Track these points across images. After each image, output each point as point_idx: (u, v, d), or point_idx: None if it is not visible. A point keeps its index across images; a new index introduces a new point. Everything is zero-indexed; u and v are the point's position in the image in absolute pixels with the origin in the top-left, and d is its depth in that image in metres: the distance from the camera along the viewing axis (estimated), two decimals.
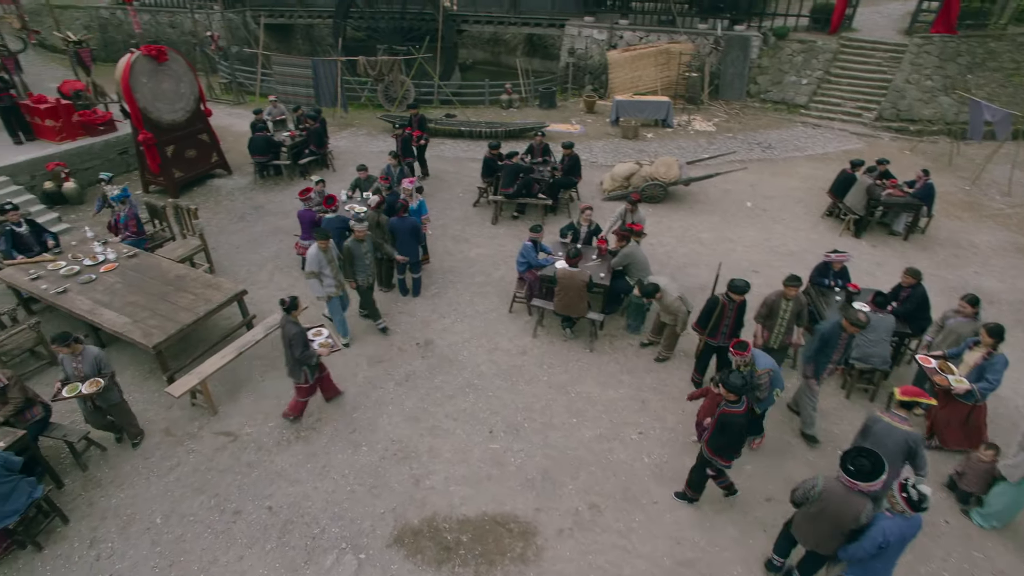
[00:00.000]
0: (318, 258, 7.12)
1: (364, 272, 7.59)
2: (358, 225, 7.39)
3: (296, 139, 13.03)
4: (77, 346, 5.67)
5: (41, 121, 12.10)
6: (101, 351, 5.78)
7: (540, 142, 11.72)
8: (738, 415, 4.94)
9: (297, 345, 6.01)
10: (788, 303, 6.32)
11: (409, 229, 8.25)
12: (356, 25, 22.47)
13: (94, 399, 5.79)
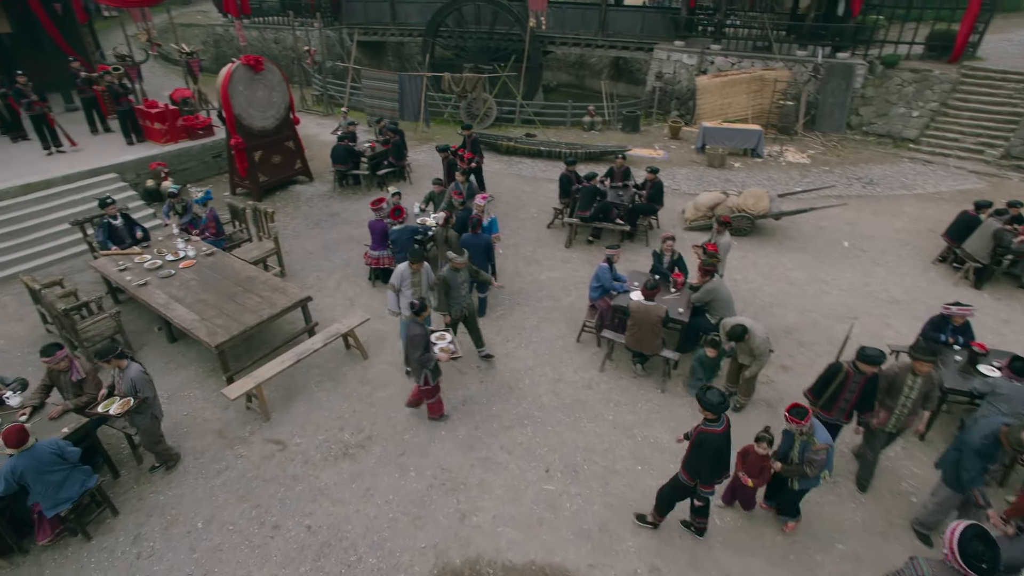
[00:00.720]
0: (404, 274, 6.79)
1: (459, 304, 7.08)
2: (458, 258, 6.92)
3: (376, 150, 13.23)
4: (121, 361, 5.43)
5: (151, 124, 12.93)
6: (141, 373, 5.47)
7: (621, 165, 11.24)
8: (716, 434, 4.61)
9: (416, 347, 5.88)
10: (916, 380, 5.25)
11: (483, 247, 7.98)
12: (445, 44, 22.99)
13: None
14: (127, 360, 5.47)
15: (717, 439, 4.61)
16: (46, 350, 5.45)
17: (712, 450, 4.63)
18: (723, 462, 4.76)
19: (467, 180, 10.14)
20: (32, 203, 10.37)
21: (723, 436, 4.64)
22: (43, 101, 11.98)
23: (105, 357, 5.36)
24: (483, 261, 7.96)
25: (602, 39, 20.86)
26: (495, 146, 15.90)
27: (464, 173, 10.25)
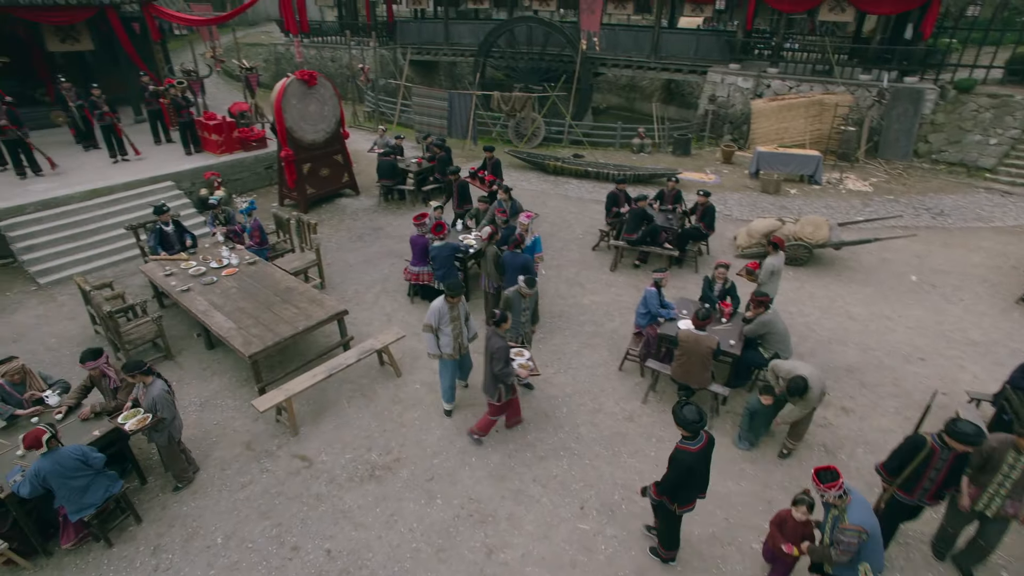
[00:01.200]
0: (440, 311, 6.17)
1: (516, 329, 6.71)
2: (525, 287, 6.47)
3: (422, 166, 13.26)
4: (146, 377, 5.32)
5: (208, 135, 13.37)
6: (164, 392, 5.31)
7: (672, 188, 10.84)
8: (690, 452, 4.38)
9: (499, 360, 5.68)
10: (1020, 459, 4.37)
11: (520, 265, 7.68)
12: (496, 64, 23.18)
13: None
14: (152, 376, 5.37)
15: (689, 457, 4.37)
16: (83, 356, 5.45)
17: (683, 468, 4.39)
18: (695, 482, 4.56)
19: (510, 198, 9.94)
20: (95, 208, 10.78)
21: (697, 455, 4.39)
22: (113, 112, 12.54)
23: (131, 372, 5.29)
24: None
25: (654, 61, 20.60)
26: (542, 165, 15.75)
27: (486, 199, 10.02)
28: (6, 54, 15.06)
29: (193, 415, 6.67)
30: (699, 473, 4.53)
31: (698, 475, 4.52)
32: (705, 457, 4.49)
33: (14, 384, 5.51)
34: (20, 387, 5.54)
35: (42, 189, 10.93)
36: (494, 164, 11.77)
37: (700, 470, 4.51)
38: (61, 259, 9.85)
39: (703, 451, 4.43)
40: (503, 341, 5.73)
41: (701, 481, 4.63)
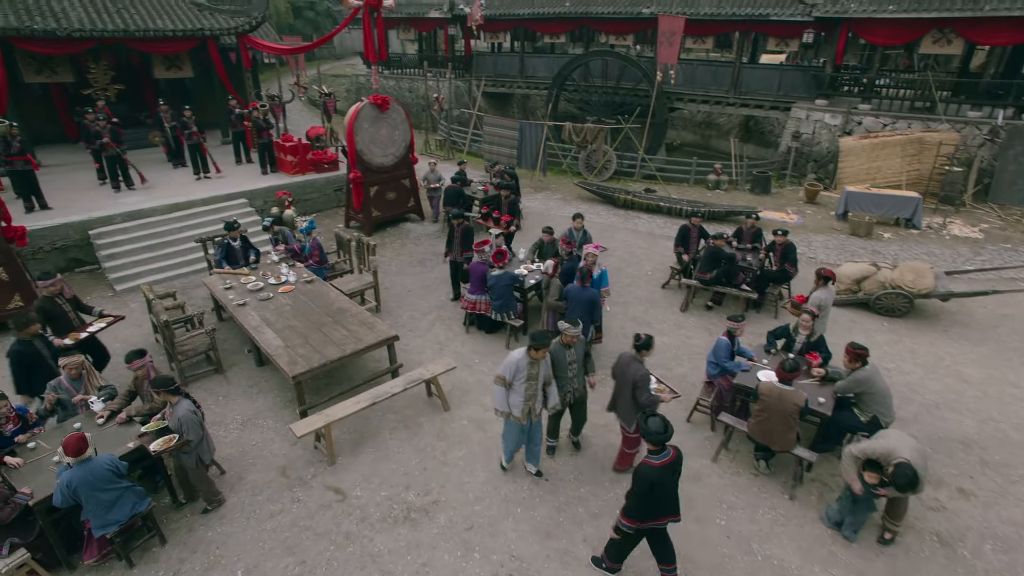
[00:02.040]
0: (518, 365, 5.30)
1: (564, 387, 5.70)
2: (571, 329, 5.50)
3: (489, 194, 13.06)
4: (172, 397, 5.10)
5: (284, 156, 13.81)
6: (190, 413, 5.08)
7: (752, 226, 10.03)
8: (653, 467, 4.20)
9: (643, 387, 5.36)
10: None
11: (587, 301, 7.12)
12: (569, 97, 23.09)
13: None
14: (179, 396, 5.17)
15: (652, 472, 4.19)
16: (128, 356, 5.37)
17: (645, 483, 4.20)
18: (660, 499, 4.31)
19: (583, 229, 9.37)
20: (174, 220, 11.22)
21: (662, 470, 4.20)
22: (201, 132, 13.19)
23: (158, 388, 5.12)
24: (586, 316, 7.09)
25: (734, 97, 19.84)
26: (611, 198, 15.25)
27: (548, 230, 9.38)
28: (121, 82, 16.40)
29: (233, 433, 6.48)
30: (664, 489, 4.30)
31: (662, 491, 4.29)
32: (671, 472, 4.30)
33: (72, 379, 5.50)
34: (77, 382, 5.56)
35: (131, 202, 11.51)
36: (513, 202, 10.95)
37: (665, 486, 4.30)
38: (137, 268, 10.21)
39: (669, 466, 4.25)
40: (644, 367, 5.45)
41: (668, 499, 4.38)
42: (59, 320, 6.62)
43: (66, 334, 6.54)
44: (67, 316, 6.75)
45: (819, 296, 7.24)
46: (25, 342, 5.92)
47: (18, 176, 10.81)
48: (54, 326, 6.56)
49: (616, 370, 5.79)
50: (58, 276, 6.80)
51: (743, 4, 18.53)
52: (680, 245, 9.84)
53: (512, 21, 23.52)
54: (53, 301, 6.64)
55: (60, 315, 6.64)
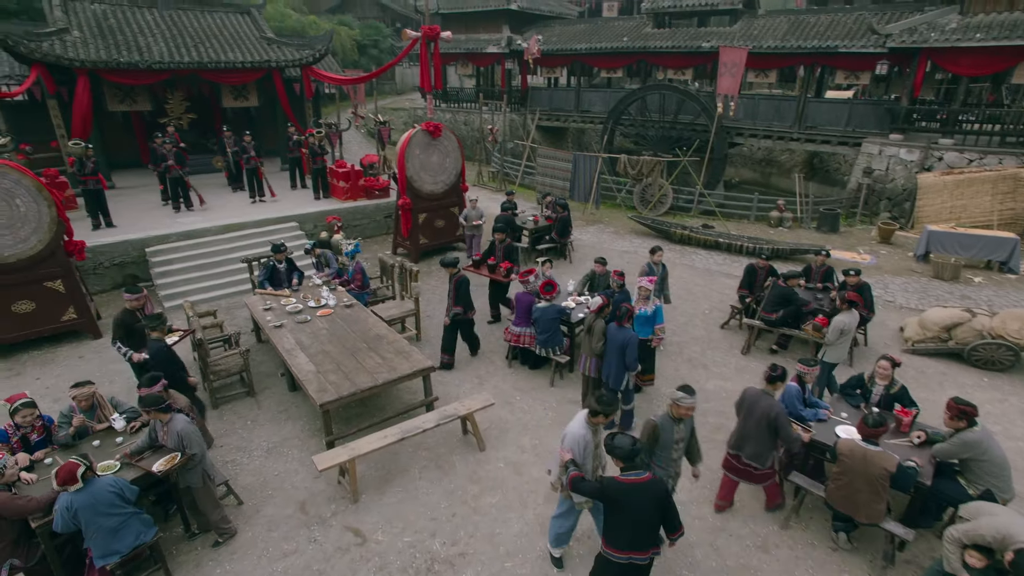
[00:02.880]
0: (583, 439, 4.38)
1: (668, 467, 4.78)
2: (686, 399, 4.59)
3: (540, 224, 12.72)
4: (163, 415, 4.81)
5: (336, 182, 13.98)
6: (189, 427, 4.81)
7: (821, 264, 9.20)
8: (617, 482, 3.98)
9: (785, 424, 4.97)
10: None
11: (620, 344, 6.19)
12: (625, 131, 22.76)
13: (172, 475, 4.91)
14: (170, 414, 4.86)
15: (614, 487, 3.94)
16: (142, 382, 5.15)
17: (605, 497, 3.97)
18: (628, 523, 3.94)
19: (662, 264, 8.59)
20: (226, 241, 11.39)
21: (627, 488, 3.89)
22: (259, 157, 13.54)
23: (147, 407, 4.81)
24: (619, 363, 6.27)
25: (798, 132, 18.94)
26: (667, 233, 14.61)
27: (601, 260, 8.83)
28: (194, 111, 17.28)
29: (257, 460, 6.16)
30: (637, 514, 3.92)
31: (636, 516, 3.93)
32: (642, 494, 3.89)
33: (84, 410, 5.31)
34: (89, 413, 5.34)
35: (187, 222, 11.81)
36: (508, 247, 9.44)
37: (638, 511, 3.91)
38: (187, 286, 10.33)
39: (639, 487, 3.88)
40: (780, 403, 5.06)
41: (644, 529, 3.96)
42: (137, 335, 6.47)
43: (140, 349, 6.40)
44: (143, 331, 6.53)
45: (842, 320, 6.86)
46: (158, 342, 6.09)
47: (89, 195, 11.27)
48: (130, 340, 6.47)
49: (743, 406, 5.27)
50: (144, 292, 6.70)
51: (809, 36, 17.83)
52: (745, 288, 9.04)
53: (569, 56, 23.58)
54: (133, 315, 6.56)
55: (138, 329, 6.47)
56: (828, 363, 7.09)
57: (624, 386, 6.34)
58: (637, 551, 3.97)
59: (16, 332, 8.51)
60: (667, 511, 4.02)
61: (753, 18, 19.93)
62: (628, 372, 6.31)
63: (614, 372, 6.31)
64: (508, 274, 9.18)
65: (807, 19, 18.80)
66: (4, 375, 8.08)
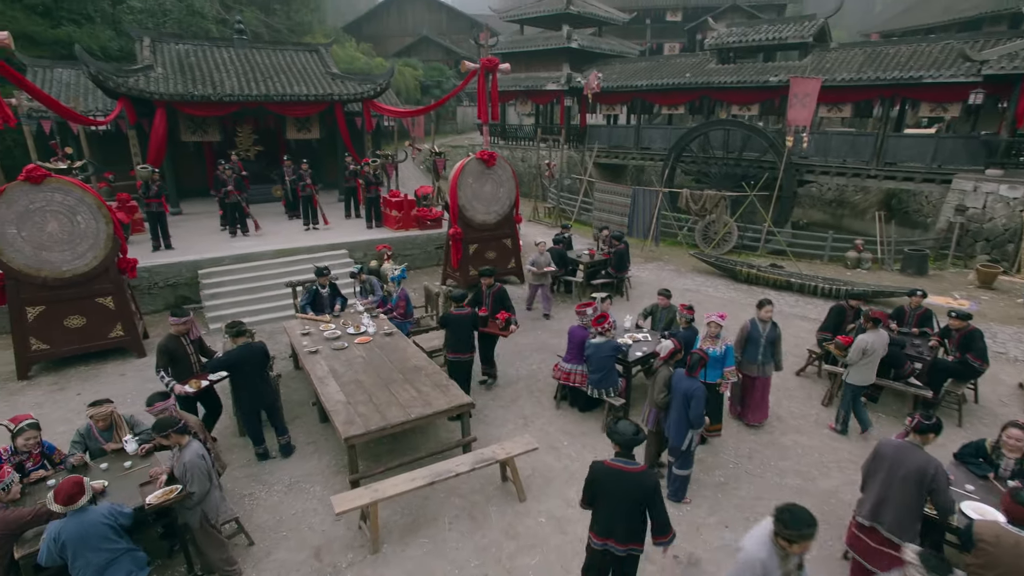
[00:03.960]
0: (765, 567, 3.13)
1: None
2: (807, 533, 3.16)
3: (595, 258, 12.09)
4: (181, 437, 4.37)
5: (389, 211, 13.90)
6: (198, 458, 4.33)
7: (917, 305, 8.08)
8: (602, 465, 3.93)
9: (943, 488, 4.10)
10: None
11: (683, 393, 5.30)
12: (687, 168, 22.01)
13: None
14: (188, 437, 4.42)
15: (598, 468, 3.92)
16: (150, 399, 4.78)
17: (588, 477, 3.96)
18: (608, 507, 3.89)
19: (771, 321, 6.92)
20: (276, 266, 11.37)
21: (610, 473, 3.85)
22: (314, 184, 13.68)
23: (163, 431, 4.37)
24: (681, 416, 5.37)
25: (876, 168, 17.63)
26: (732, 272, 13.65)
27: (664, 292, 8.05)
28: (261, 143, 17.97)
29: (275, 496, 5.66)
30: (611, 497, 3.88)
31: (608, 500, 3.90)
32: (623, 482, 3.82)
33: (102, 430, 4.99)
34: (107, 433, 5.02)
35: (241, 245, 11.92)
36: (498, 295, 8.12)
37: (613, 494, 3.87)
38: (234, 308, 10.26)
39: (625, 475, 3.83)
40: (936, 459, 4.15)
41: (623, 519, 3.87)
42: (181, 363, 6.13)
43: (187, 378, 6.07)
44: (189, 359, 6.24)
45: (866, 340, 6.45)
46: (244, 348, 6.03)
47: (152, 216, 11.58)
48: (176, 368, 6.08)
49: (881, 463, 4.34)
50: (190, 316, 6.37)
51: (888, 67, 16.73)
52: (828, 330, 7.97)
53: (629, 93, 23.27)
54: (179, 341, 6.18)
55: (183, 357, 6.16)
56: (852, 385, 6.69)
57: (686, 445, 5.46)
58: (615, 540, 3.91)
59: (66, 346, 8.56)
60: (653, 508, 3.86)
61: (825, 51, 19.03)
62: (692, 429, 5.41)
63: (675, 426, 5.46)
64: (507, 326, 7.77)
65: (885, 50, 17.74)
66: (49, 388, 8.07)
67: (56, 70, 18.29)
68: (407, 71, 35.01)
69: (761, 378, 6.87)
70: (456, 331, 7.14)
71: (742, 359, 6.80)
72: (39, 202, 8.08)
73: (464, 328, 7.18)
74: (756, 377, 6.85)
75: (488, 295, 8.10)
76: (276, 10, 32.48)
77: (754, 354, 6.76)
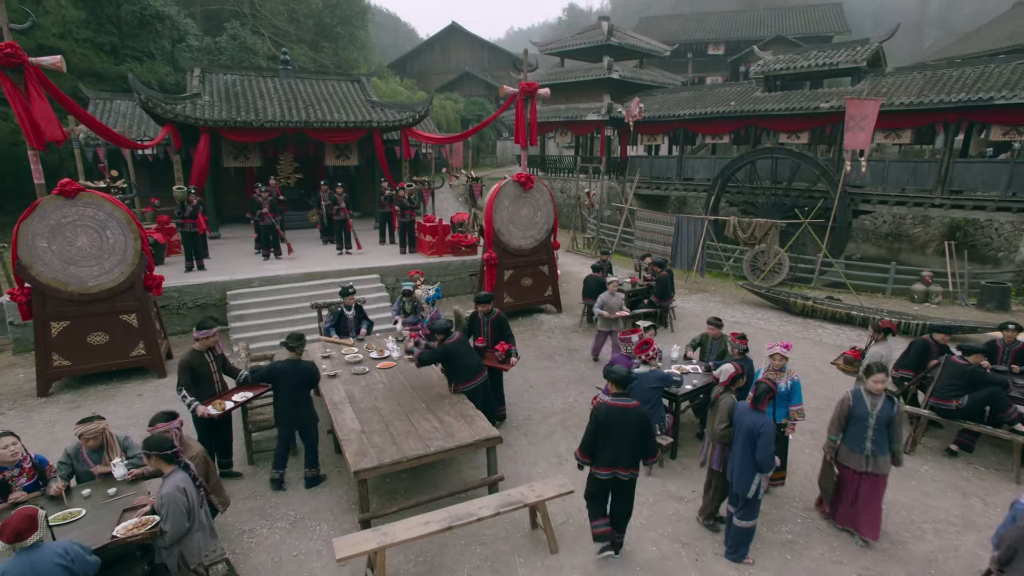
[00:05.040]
0: None
1: None
2: None
3: (637, 286, 11.37)
4: (165, 465, 3.84)
5: (423, 237, 13.57)
6: (177, 492, 3.78)
7: (1012, 340, 7.05)
8: (607, 405, 4.53)
9: None
10: None
11: (747, 429, 4.54)
12: (732, 199, 21.15)
13: None
14: (175, 467, 3.88)
15: (602, 409, 4.50)
16: (154, 419, 4.30)
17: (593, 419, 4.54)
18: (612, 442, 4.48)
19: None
20: (304, 289, 11.07)
21: (614, 411, 4.45)
22: (348, 208, 13.52)
23: (149, 451, 3.86)
24: (745, 456, 4.57)
25: (942, 197, 16.41)
26: (785, 304, 12.67)
27: (715, 322, 7.26)
28: (301, 171, 18.17)
29: (277, 534, 5.07)
30: (618, 433, 4.46)
31: (616, 435, 4.46)
32: (624, 419, 4.43)
33: (92, 450, 4.52)
34: (96, 454, 4.55)
35: (272, 268, 11.72)
36: (496, 323, 7.24)
37: (619, 432, 4.45)
38: (259, 331, 9.94)
39: (624, 411, 4.44)
40: None
41: (624, 448, 4.48)
42: (204, 381, 5.67)
43: (209, 397, 5.61)
44: (212, 377, 5.77)
45: (877, 352, 6.24)
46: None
47: (186, 236, 11.53)
48: (198, 387, 5.61)
49: None
50: (215, 330, 5.89)
51: (953, 89, 15.70)
52: (910, 368, 6.99)
53: (671, 123, 22.74)
54: (202, 357, 5.70)
55: (205, 374, 5.69)
56: None
57: (753, 492, 4.61)
58: (621, 467, 4.51)
59: (88, 363, 8.35)
60: (647, 437, 4.54)
61: (880, 76, 18.13)
62: (759, 473, 4.57)
63: (739, 469, 4.63)
64: (507, 358, 6.92)
65: (947, 73, 16.74)
66: (66, 407, 7.81)
67: (115, 101, 19.12)
68: (448, 104, 35.54)
69: (871, 476, 4.95)
70: (458, 359, 6.18)
71: (841, 446, 5.05)
72: (71, 216, 7.99)
73: (464, 353, 6.26)
74: (863, 473, 4.97)
75: (486, 323, 7.19)
76: (325, 47, 33.64)
77: (860, 441, 4.91)
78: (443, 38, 46.75)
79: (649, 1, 73.63)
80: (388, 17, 69.47)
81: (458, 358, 6.23)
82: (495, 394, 7.10)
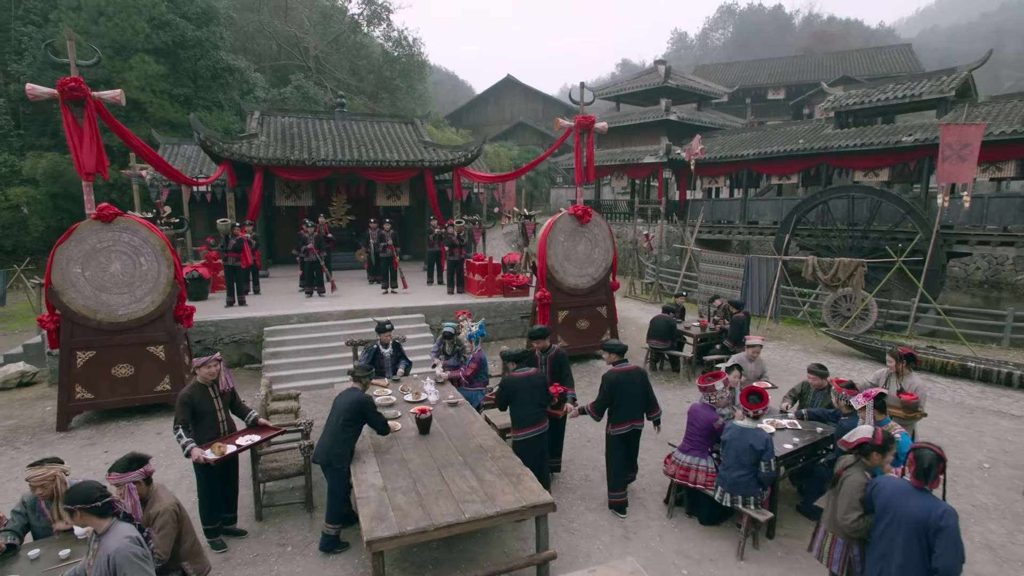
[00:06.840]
0: None
1: None
2: None
3: (707, 329, 10.12)
4: (98, 520, 2.98)
5: (472, 276, 12.82)
6: (132, 545, 2.94)
7: None
8: (616, 372, 5.46)
9: None
10: None
11: (915, 524, 3.25)
12: (803, 242, 19.58)
13: None
14: (110, 520, 2.97)
15: (613, 376, 5.41)
16: (113, 465, 3.45)
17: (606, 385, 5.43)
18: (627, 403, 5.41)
19: None
20: (344, 327, 10.40)
21: (624, 375, 5.44)
22: (395, 246, 13.00)
23: (72, 505, 2.95)
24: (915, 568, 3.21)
25: None
26: (878, 353, 11.03)
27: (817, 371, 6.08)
28: (353, 212, 18.10)
29: None
30: (629, 392, 5.40)
31: (628, 394, 5.40)
32: (631, 380, 5.43)
33: (44, 498, 3.70)
34: (50, 504, 3.73)
35: (312, 305, 11.21)
36: (556, 359, 6.30)
37: (630, 390, 5.41)
38: (293, 369, 9.28)
39: (628, 373, 5.45)
40: None
41: (635, 404, 5.48)
42: (205, 419, 4.85)
43: (210, 439, 4.81)
44: (216, 415, 4.94)
45: (917, 384, 5.89)
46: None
47: (228, 271, 11.21)
48: (198, 426, 4.81)
49: None
50: (216, 355, 4.98)
51: None
52: None
53: (734, 163, 21.63)
54: (204, 391, 4.88)
55: (208, 412, 4.86)
56: None
57: None
58: (635, 420, 5.52)
59: (111, 397, 7.82)
60: (648, 393, 5.63)
61: (973, 106, 16.55)
62: None
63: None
64: (561, 402, 5.84)
65: None
66: (81, 443, 7.24)
67: (182, 146, 19.86)
68: (502, 151, 35.70)
69: None
70: (524, 397, 5.33)
71: None
72: (106, 241, 7.66)
73: (537, 392, 5.39)
74: None
75: (543, 361, 6.22)
76: (383, 98, 34.72)
77: None
78: (498, 90, 47.75)
79: (703, 54, 73.77)
80: (446, 75, 72.21)
81: (521, 396, 5.30)
82: (552, 444, 6.03)
